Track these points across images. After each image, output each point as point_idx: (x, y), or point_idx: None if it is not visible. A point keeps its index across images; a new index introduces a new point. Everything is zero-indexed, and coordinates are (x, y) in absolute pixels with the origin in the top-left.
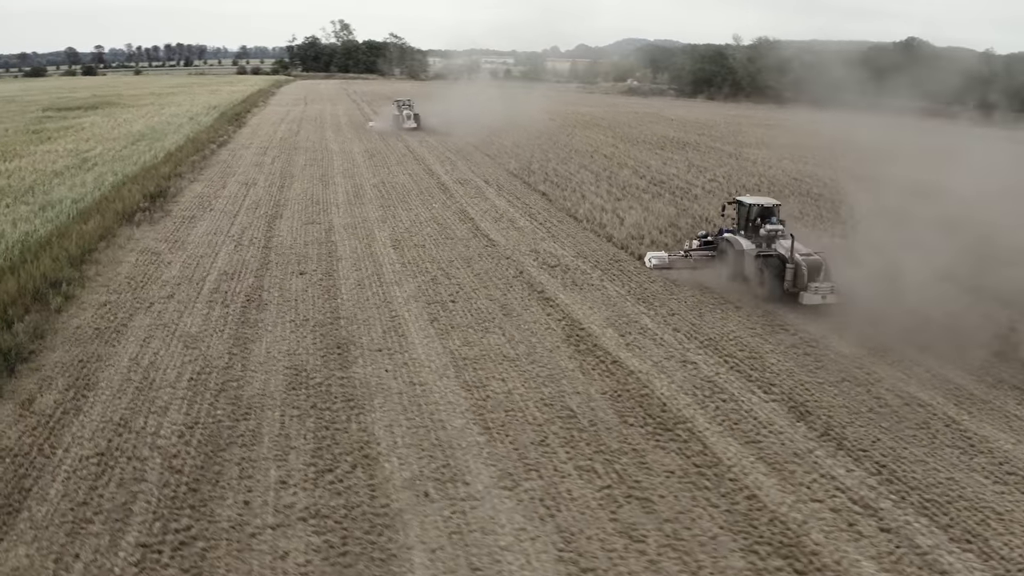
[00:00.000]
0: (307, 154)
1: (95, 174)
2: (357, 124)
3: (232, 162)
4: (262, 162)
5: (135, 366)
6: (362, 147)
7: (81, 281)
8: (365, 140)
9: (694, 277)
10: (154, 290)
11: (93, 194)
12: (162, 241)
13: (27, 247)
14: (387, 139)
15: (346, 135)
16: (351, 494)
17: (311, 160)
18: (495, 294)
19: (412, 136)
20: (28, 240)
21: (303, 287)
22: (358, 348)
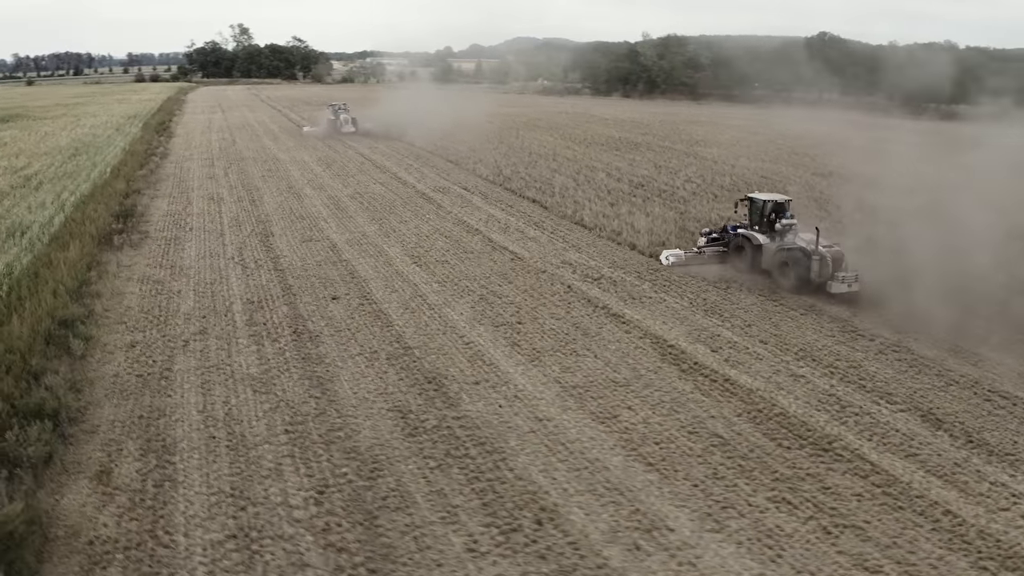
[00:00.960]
0: (259, 165)
1: (49, 194)
2: (290, 131)
3: (183, 175)
4: (215, 175)
5: (211, 420)
6: (313, 156)
7: (92, 318)
8: (310, 148)
9: (721, 273)
10: (179, 325)
11: (58, 216)
12: (156, 267)
13: (16, 281)
14: (332, 146)
15: (286, 143)
16: (557, 556)
17: (267, 171)
18: (558, 312)
19: (357, 141)
20: (12, 272)
21: (347, 313)
22: (453, 382)
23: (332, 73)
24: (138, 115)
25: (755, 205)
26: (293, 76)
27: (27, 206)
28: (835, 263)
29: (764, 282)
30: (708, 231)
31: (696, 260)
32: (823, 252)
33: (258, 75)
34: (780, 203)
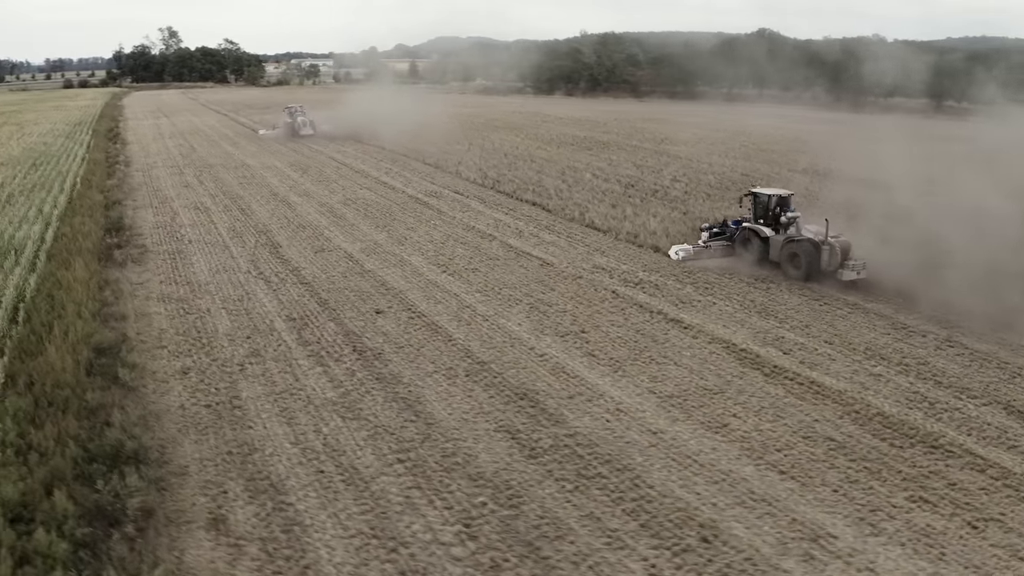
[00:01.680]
0: (231, 172)
1: (24, 207)
2: (246, 135)
3: (155, 184)
4: (189, 183)
5: (309, 452)
6: (283, 161)
7: (127, 343)
8: (277, 152)
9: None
10: (226, 348)
11: (47, 232)
12: (171, 284)
13: (32, 304)
14: (298, 150)
15: (248, 148)
16: (739, 574)
17: (242, 178)
18: (616, 319)
19: (321, 145)
20: (24, 295)
21: (400, 328)
22: (547, 397)
23: (265, 76)
24: (83, 122)
25: (759, 200)
26: (224, 79)
27: (8, 220)
28: (843, 252)
29: (804, 282)
30: (708, 226)
31: (704, 254)
32: (832, 242)
33: (190, 79)
34: (784, 197)
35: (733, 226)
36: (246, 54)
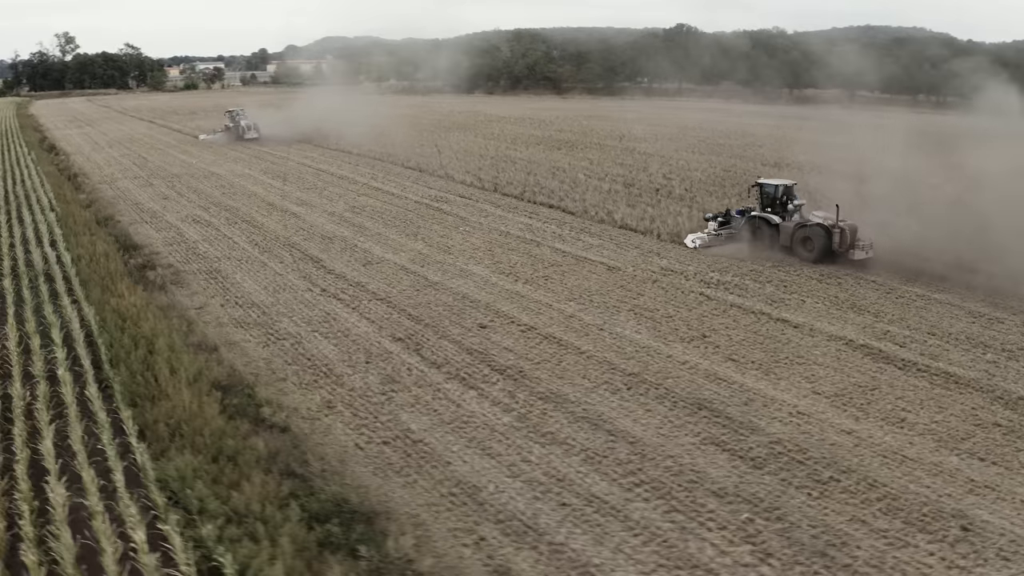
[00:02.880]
0: (202, 181)
1: (18, 226)
2: (189, 141)
3: (131, 198)
4: (167, 195)
5: (536, 484)
6: (255, 168)
7: (240, 376)
8: (237, 159)
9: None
10: (354, 376)
11: (61, 255)
12: (232, 306)
13: (113, 339)
14: (259, 155)
15: (203, 155)
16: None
17: (221, 188)
18: (725, 321)
19: (281, 150)
20: (88, 327)
21: (520, 343)
22: (724, 404)
23: (168, 81)
24: (8, 131)
25: (766, 190)
26: (126, 86)
27: (9, 242)
28: (852, 234)
29: (865, 273)
30: (712, 215)
31: (716, 241)
32: (842, 225)
33: (92, 86)
34: (788, 187)
35: (737, 215)
36: (148, 59)
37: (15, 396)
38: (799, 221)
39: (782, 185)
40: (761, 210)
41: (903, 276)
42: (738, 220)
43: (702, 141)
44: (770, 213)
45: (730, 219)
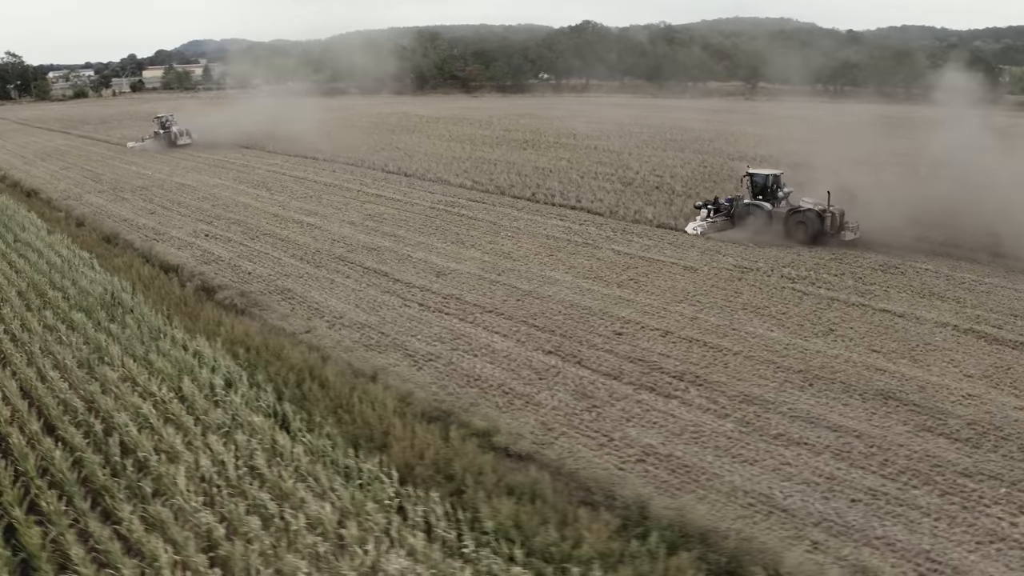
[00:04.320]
0: (177, 193)
1: (42, 243)
2: (126, 151)
3: (114, 214)
4: (153, 210)
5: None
6: (223, 177)
7: (440, 403)
8: (198, 168)
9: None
10: (541, 395)
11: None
12: (340, 327)
13: (273, 376)
14: (219, 164)
15: (159, 166)
16: None
17: (208, 200)
18: (845, 316)
19: (236, 156)
20: (219, 365)
21: (673, 348)
22: (911, 394)
23: (53, 89)
24: None
25: (757, 179)
26: (8, 96)
27: (50, 270)
28: (841, 217)
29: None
30: (702, 204)
31: (713, 228)
32: (833, 210)
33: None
34: (776, 176)
35: (726, 203)
36: (30, 66)
37: (228, 459)
38: (792, 207)
39: (771, 174)
40: (752, 198)
41: (942, 259)
42: (727, 207)
43: (654, 138)
44: (761, 200)
45: (720, 207)
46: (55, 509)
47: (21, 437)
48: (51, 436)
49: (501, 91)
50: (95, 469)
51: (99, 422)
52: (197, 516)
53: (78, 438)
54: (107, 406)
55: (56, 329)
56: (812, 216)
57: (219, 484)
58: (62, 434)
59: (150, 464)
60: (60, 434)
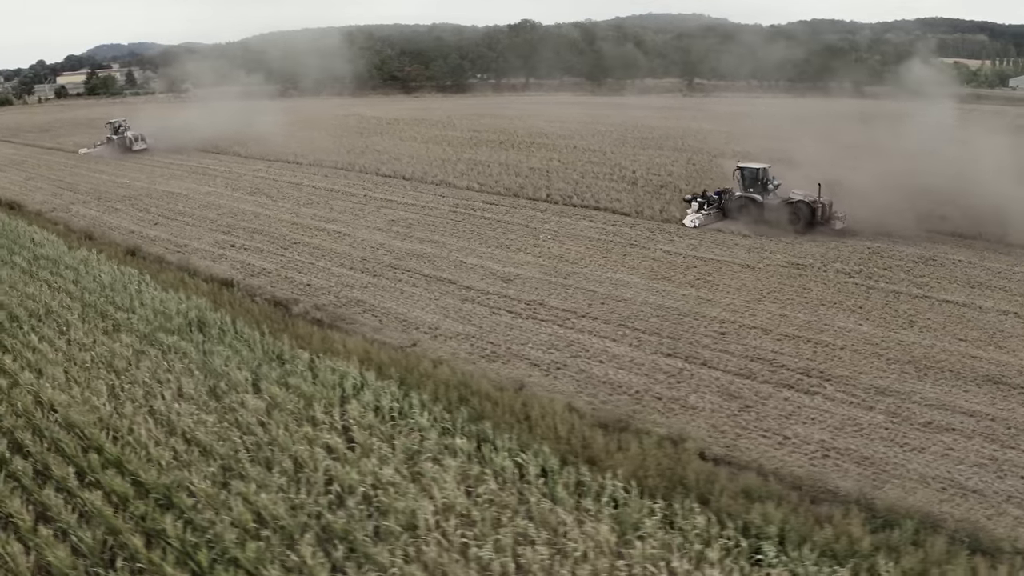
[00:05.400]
0: (176, 203)
1: (71, 259)
2: (80, 157)
3: (117, 226)
4: (156, 220)
5: None
6: (214, 185)
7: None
8: (179, 176)
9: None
10: (692, 399)
11: (169, 295)
12: (444, 339)
13: (441, 395)
14: (199, 170)
15: (133, 173)
16: None
17: (209, 208)
18: (914, 309)
19: (205, 161)
20: (361, 391)
21: (784, 346)
22: None
23: None
24: None
25: (748, 172)
26: None
27: (129, 295)
28: (829, 208)
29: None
30: (691, 197)
31: (707, 220)
32: (823, 201)
33: None
34: (766, 170)
35: (715, 196)
36: None
37: (450, 485)
38: (783, 198)
39: (760, 168)
40: (744, 190)
41: (965, 248)
42: (716, 200)
43: (625, 137)
44: (752, 193)
45: (709, 200)
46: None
47: (206, 484)
48: (241, 480)
49: (441, 91)
50: (318, 511)
51: (285, 458)
52: (469, 553)
53: (274, 478)
54: (280, 438)
55: (146, 354)
56: (803, 207)
57: (466, 515)
58: (255, 476)
59: (374, 499)
60: (250, 476)
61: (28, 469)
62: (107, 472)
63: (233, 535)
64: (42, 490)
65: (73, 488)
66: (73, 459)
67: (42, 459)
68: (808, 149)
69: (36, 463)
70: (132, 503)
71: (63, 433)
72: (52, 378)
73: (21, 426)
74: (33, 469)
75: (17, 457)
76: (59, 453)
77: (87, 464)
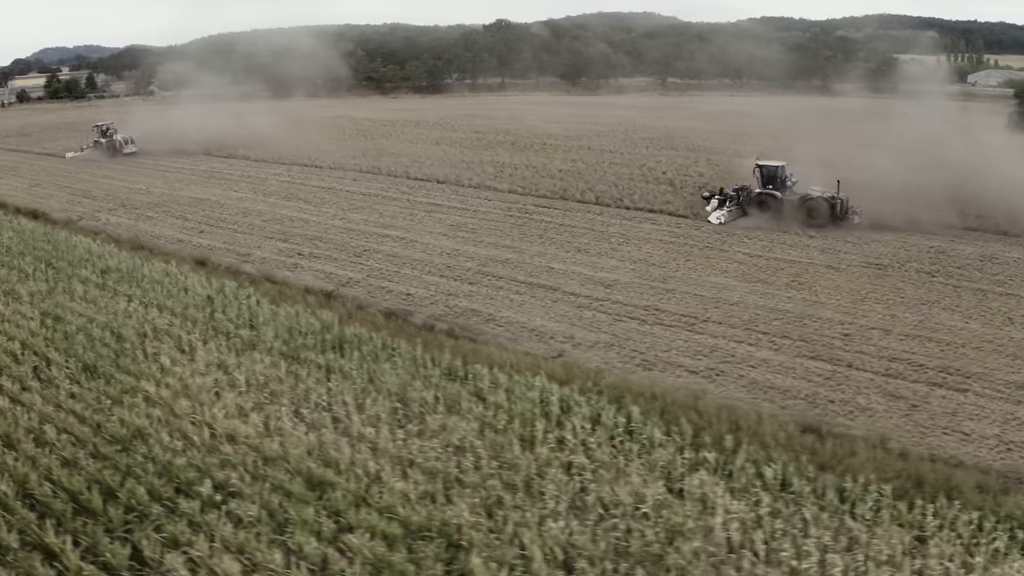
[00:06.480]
0: (211, 210)
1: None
2: (75, 162)
3: (157, 234)
4: (199, 228)
5: None
6: (240, 190)
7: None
8: (197, 181)
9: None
10: (859, 400)
11: (281, 310)
12: (585, 347)
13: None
14: (215, 175)
15: (150, 179)
16: None
17: (250, 215)
18: (1012, 307)
19: (216, 165)
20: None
21: (911, 345)
22: None
23: None
24: None
25: (767, 170)
26: None
27: (178, 299)
28: (846, 204)
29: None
30: (709, 195)
31: (731, 217)
32: (841, 197)
33: None
34: (783, 167)
35: (733, 192)
36: None
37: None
38: (802, 195)
39: (779, 166)
40: (762, 187)
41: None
42: (735, 197)
43: (629, 136)
44: (771, 190)
45: (728, 197)
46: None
47: (475, 517)
48: (514, 511)
49: (416, 92)
50: (615, 536)
51: (547, 483)
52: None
53: (547, 504)
54: (519, 461)
55: (298, 374)
56: (822, 203)
57: (762, 527)
58: (520, 504)
59: (655, 517)
60: (513, 504)
61: (260, 514)
62: (359, 511)
63: (546, 570)
64: (284, 535)
65: (326, 532)
66: (303, 499)
67: (265, 501)
68: (818, 147)
69: (265, 507)
70: (398, 543)
71: (273, 469)
72: (215, 405)
73: (216, 464)
74: (267, 513)
75: (242, 501)
76: (279, 491)
77: (325, 503)
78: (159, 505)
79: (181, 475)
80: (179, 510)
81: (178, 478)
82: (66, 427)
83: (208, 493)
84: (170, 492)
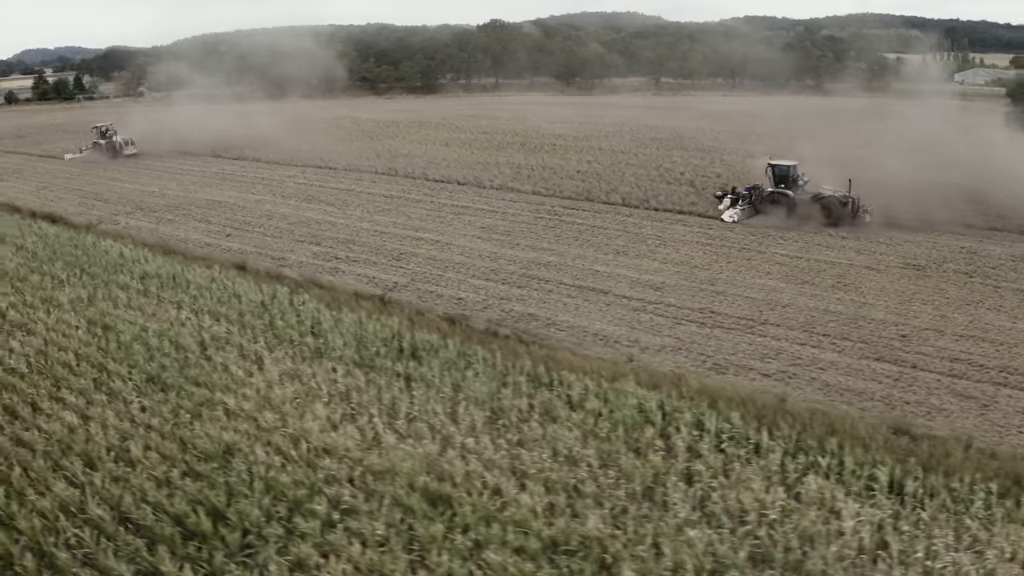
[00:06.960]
0: (232, 213)
1: (196, 277)
2: (78, 164)
3: (187, 239)
4: (227, 232)
5: None
6: (258, 193)
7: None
8: (211, 184)
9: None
10: (931, 400)
11: (343, 316)
12: (653, 351)
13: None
14: (227, 176)
15: (163, 181)
16: None
17: (273, 218)
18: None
19: (229, 167)
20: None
21: (968, 347)
22: None
23: None
24: None
25: (779, 169)
26: None
27: (231, 307)
28: (858, 202)
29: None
30: (722, 194)
31: (744, 215)
32: (852, 196)
33: None
34: (795, 166)
35: (745, 191)
36: None
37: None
38: (815, 194)
39: (791, 165)
40: (775, 186)
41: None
42: (747, 196)
43: (637, 136)
44: (783, 189)
45: (740, 196)
46: None
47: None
48: (644, 522)
49: (411, 92)
50: (760, 548)
51: (675, 492)
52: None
53: (679, 513)
54: (636, 470)
55: (377, 383)
56: (835, 202)
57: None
58: (652, 515)
59: (787, 524)
60: (645, 515)
61: (387, 532)
62: (490, 527)
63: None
64: (415, 554)
65: (461, 550)
66: (427, 515)
67: (387, 518)
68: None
69: (390, 526)
70: (539, 559)
71: (385, 484)
72: (303, 417)
73: (321, 481)
74: (395, 533)
75: (361, 519)
76: (398, 507)
77: (452, 520)
78: (275, 525)
79: (289, 493)
80: (297, 530)
81: (285, 496)
82: (149, 443)
83: (324, 511)
84: (282, 511)
